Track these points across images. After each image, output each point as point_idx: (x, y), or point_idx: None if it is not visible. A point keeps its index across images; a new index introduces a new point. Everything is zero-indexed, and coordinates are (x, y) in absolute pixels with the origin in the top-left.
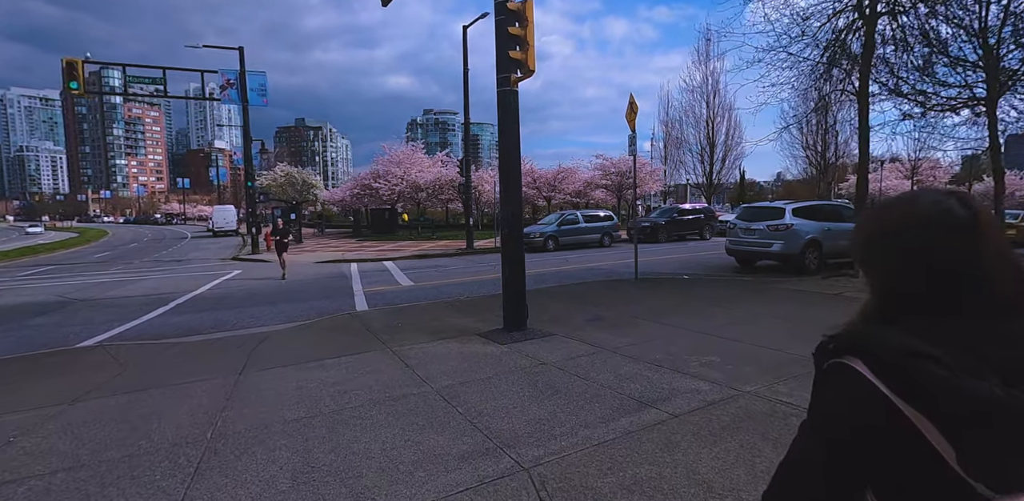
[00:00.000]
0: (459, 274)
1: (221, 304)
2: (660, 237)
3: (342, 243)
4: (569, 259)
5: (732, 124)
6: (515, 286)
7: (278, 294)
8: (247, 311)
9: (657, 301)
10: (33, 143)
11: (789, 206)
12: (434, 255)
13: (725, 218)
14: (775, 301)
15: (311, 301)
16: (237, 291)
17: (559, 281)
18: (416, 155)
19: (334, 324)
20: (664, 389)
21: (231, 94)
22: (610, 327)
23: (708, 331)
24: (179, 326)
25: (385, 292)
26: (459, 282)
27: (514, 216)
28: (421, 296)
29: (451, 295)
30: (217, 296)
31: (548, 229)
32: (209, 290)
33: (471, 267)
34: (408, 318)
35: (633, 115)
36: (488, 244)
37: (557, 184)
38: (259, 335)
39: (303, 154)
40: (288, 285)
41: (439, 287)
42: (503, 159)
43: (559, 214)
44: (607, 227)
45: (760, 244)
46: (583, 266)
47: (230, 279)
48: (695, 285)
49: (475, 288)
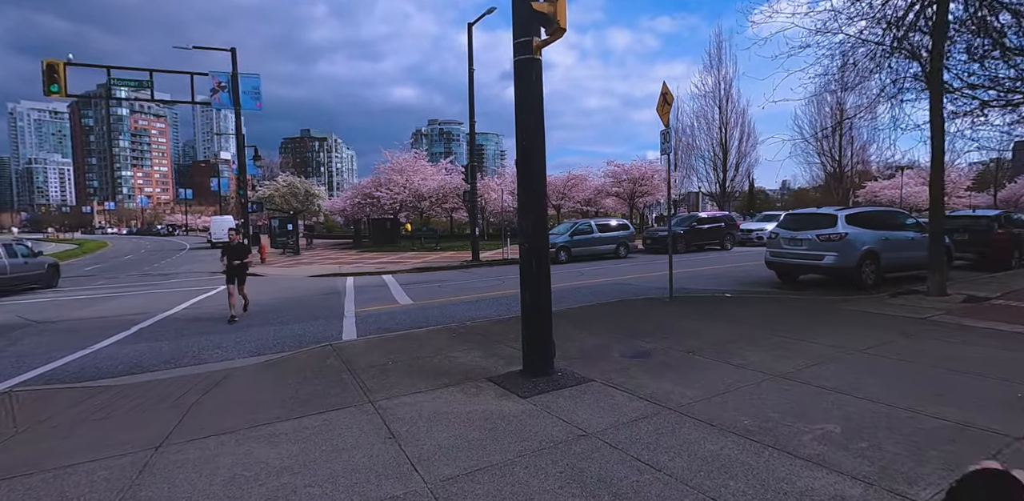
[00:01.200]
0: (465, 290)
1: (189, 328)
2: (679, 247)
3: (341, 255)
4: (585, 272)
5: (746, 129)
6: (539, 318)
7: (257, 315)
8: (215, 338)
9: (708, 328)
10: (42, 155)
11: (842, 212)
12: (437, 268)
13: (746, 226)
14: (854, 328)
15: (293, 324)
16: (214, 311)
17: (579, 300)
18: (419, 162)
19: (309, 361)
20: (783, 492)
21: (223, 98)
22: (662, 368)
23: (796, 376)
24: (128, 360)
25: (380, 313)
26: (465, 300)
27: (536, 225)
28: (420, 319)
29: (456, 317)
30: (189, 317)
31: (560, 239)
32: (184, 310)
33: (477, 282)
34: (402, 352)
35: (667, 108)
36: (496, 256)
37: (567, 192)
38: (214, 376)
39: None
40: (270, 304)
41: (442, 306)
42: (523, 150)
43: (571, 223)
44: (622, 237)
45: (809, 256)
46: (602, 281)
47: (212, 296)
48: (745, 306)
49: (483, 308)
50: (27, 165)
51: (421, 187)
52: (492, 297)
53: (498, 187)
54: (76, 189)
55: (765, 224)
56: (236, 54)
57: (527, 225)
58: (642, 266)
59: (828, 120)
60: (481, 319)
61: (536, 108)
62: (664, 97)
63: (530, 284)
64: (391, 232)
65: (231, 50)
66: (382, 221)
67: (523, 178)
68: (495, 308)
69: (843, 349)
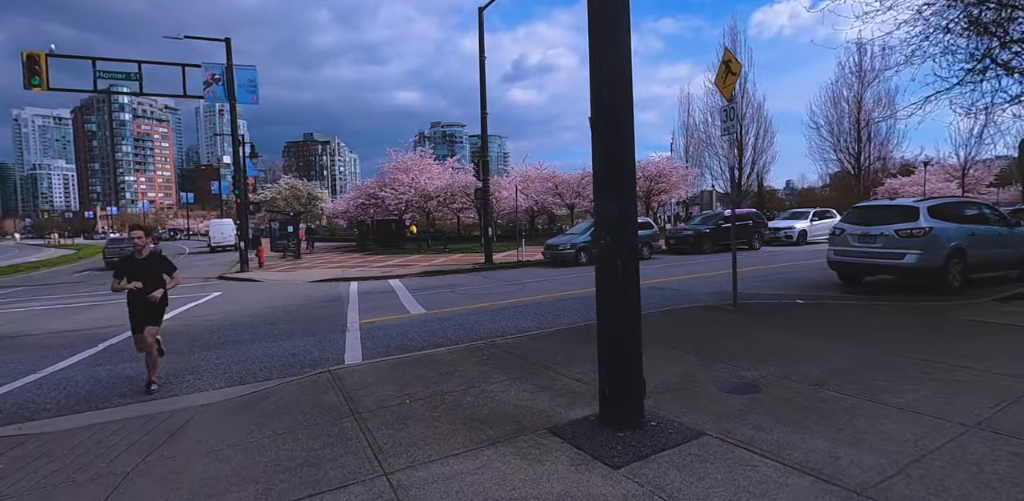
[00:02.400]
0: (483, 296)
1: (165, 345)
2: (705, 247)
3: (344, 258)
4: None
5: (763, 125)
6: (626, 345)
7: (247, 328)
8: (192, 358)
9: (814, 347)
10: (46, 161)
11: (923, 204)
12: (448, 271)
13: (775, 225)
14: (1004, 346)
15: (286, 339)
16: (197, 323)
17: None
18: (424, 161)
19: (300, 397)
20: None
21: (217, 91)
22: (793, 411)
23: (1006, 425)
24: (79, 389)
25: (388, 326)
26: (485, 309)
27: (625, 211)
28: (438, 333)
29: (480, 331)
30: (168, 331)
31: (579, 239)
32: (165, 322)
33: (494, 287)
34: (422, 385)
35: (732, 79)
36: (509, 258)
37: (581, 190)
38: (173, 419)
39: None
40: (263, 314)
41: (460, 317)
42: (601, 101)
43: (590, 222)
44: (645, 237)
45: (885, 255)
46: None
47: (201, 305)
48: (834, 316)
49: (509, 319)
50: (31, 171)
51: (427, 186)
52: (516, 305)
53: (510, 184)
54: (79, 194)
55: (794, 222)
56: (231, 44)
57: (611, 210)
58: (672, 268)
59: (845, 116)
60: (511, 334)
61: (623, 37)
62: (727, 65)
63: (615, 296)
64: (396, 234)
65: (225, 40)
66: (387, 222)
67: (604, 141)
68: (523, 319)
69: (1013, 375)
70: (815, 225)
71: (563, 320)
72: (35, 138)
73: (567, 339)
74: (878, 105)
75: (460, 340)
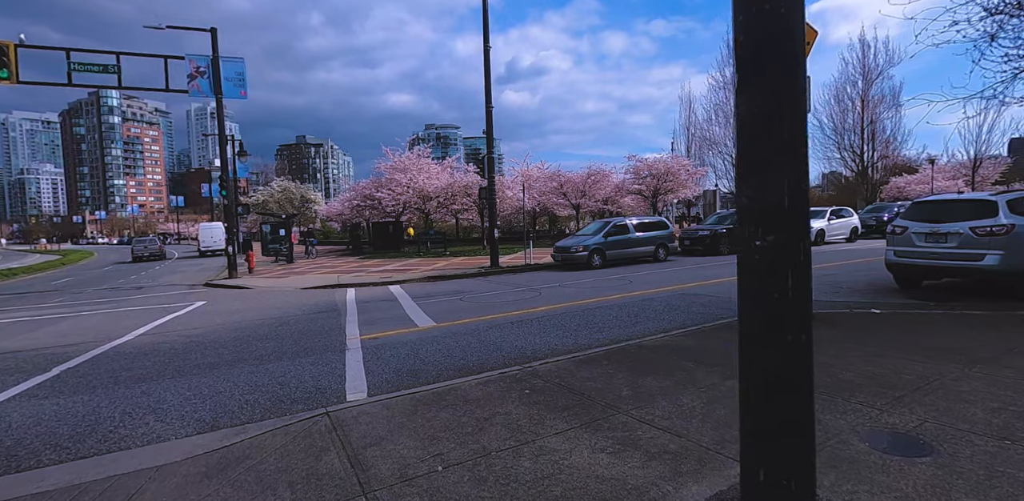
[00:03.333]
0: (497, 306)
1: (133, 369)
2: (722, 248)
3: (339, 263)
4: (632, 280)
5: None
6: (794, 407)
7: (230, 346)
8: (159, 389)
9: (947, 372)
10: (34, 166)
11: (1001, 198)
12: (452, 276)
13: None
14: None
15: (274, 361)
16: (174, 339)
17: (661, 321)
18: (423, 161)
19: (287, 459)
20: None
21: (202, 85)
22: (1010, 489)
23: None
24: (3, 438)
25: (394, 342)
26: (505, 321)
27: (794, 198)
28: (456, 353)
29: (505, 350)
30: (140, 350)
31: (592, 241)
32: (140, 336)
33: (508, 294)
34: (454, 437)
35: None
36: (516, 261)
37: (587, 189)
38: (112, 494)
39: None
40: (250, 328)
41: (477, 331)
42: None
43: (602, 223)
44: (662, 237)
45: (959, 256)
46: (661, 291)
47: (182, 316)
48: (935, 329)
49: (539, 334)
50: (19, 176)
51: (427, 187)
52: (538, 316)
53: (514, 183)
54: (68, 199)
55: (814, 221)
56: (216, 35)
57: (774, 190)
58: (694, 271)
59: (848, 113)
60: (546, 355)
61: None
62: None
63: (777, 327)
64: (394, 237)
65: (211, 30)
66: (383, 225)
67: (766, 70)
68: (553, 334)
69: None
70: (832, 224)
71: (601, 336)
72: (23, 142)
73: (622, 364)
74: (881, 103)
75: (486, 363)
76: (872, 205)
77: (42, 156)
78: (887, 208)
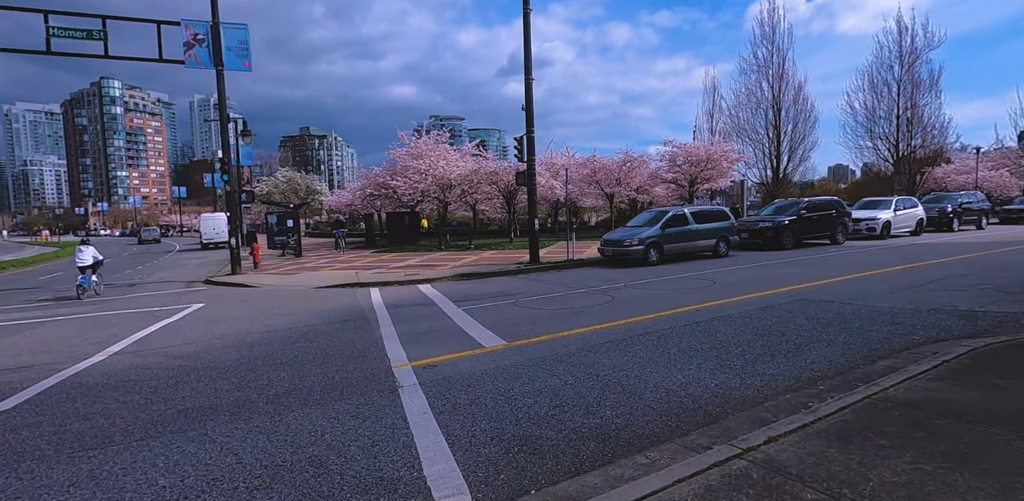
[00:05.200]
0: (569, 315)
1: (86, 419)
2: (785, 242)
3: (353, 257)
4: (711, 279)
5: (803, 108)
6: None
7: (231, 375)
8: (115, 467)
9: None
10: (37, 157)
11: None
12: (487, 273)
13: (858, 215)
14: None
15: (296, 409)
16: (158, 362)
17: (841, 348)
18: (440, 147)
19: None
20: None
21: (200, 55)
22: None
23: None
24: None
25: (464, 375)
26: (601, 338)
27: None
28: (572, 401)
29: (655, 397)
30: (106, 382)
31: (647, 233)
32: (113, 357)
33: (572, 298)
34: None
35: None
36: (553, 255)
37: (622, 177)
38: None
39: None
40: (257, 346)
41: (578, 358)
42: None
43: (656, 212)
44: (722, 230)
45: None
46: (768, 295)
47: (174, 324)
48: None
49: (672, 363)
50: (22, 167)
51: (447, 173)
52: (637, 331)
53: (545, 170)
54: (71, 190)
55: (876, 212)
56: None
57: None
58: (775, 268)
59: (882, 99)
60: (716, 404)
61: None
62: None
63: None
64: (410, 229)
65: None
66: (399, 216)
67: None
68: (685, 362)
69: None
70: (899, 216)
71: (768, 369)
72: (26, 134)
73: (908, 447)
74: (918, 88)
75: (634, 423)
76: (930, 195)
77: (45, 148)
78: (948, 198)
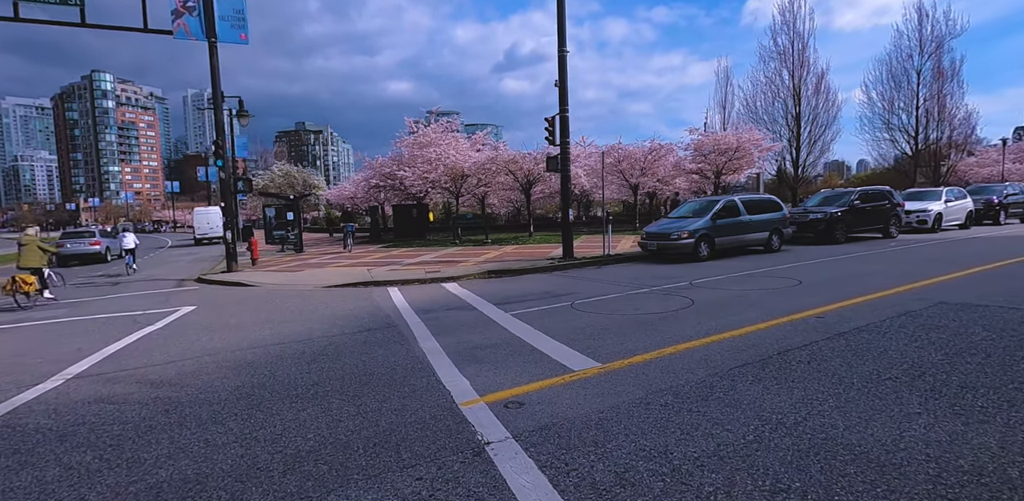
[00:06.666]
0: (652, 322)
1: (30, 450)
2: (838, 236)
3: (361, 252)
4: (788, 276)
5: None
6: None
7: (225, 414)
8: None
9: None
10: (28, 153)
11: None
12: (519, 271)
13: (911, 207)
14: None
15: (331, 492)
16: (127, 392)
17: None
18: (450, 135)
19: None
20: None
21: (190, 25)
22: None
23: None
24: None
25: (576, 425)
26: (728, 357)
27: None
28: (790, 479)
29: (900, 462)
30: (48, 427)
31: (697, 225)
32: (69, 382)
33: (636, 298)
34: None
35: None
36: (587, 250)
37: (647, 166)
38: None
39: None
40: (265, 367)
41: (722, 385)
42: None
43: (703, 201)
44: (776, 221)
45: None
46: (882, 297)
47: (156, 333)
48: None
49: (872, 401)
50: (13, 163)
51: (461, 162)
52: (768, 345)
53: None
54: (62, 186)
55: (927, 204)
56: None
57: None
58: (848, 264)
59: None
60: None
61: None
62: None
63: None
64: (418, 222)
65: None
66: (406, 208)
67: None
68: (895, 396)
69: None
70: (950, 207)
71: None
72: (17, 129)
73: None
74: (940, 77)
75: None
76: (970, 187)
77: (37, 143)
78: (989, 190)
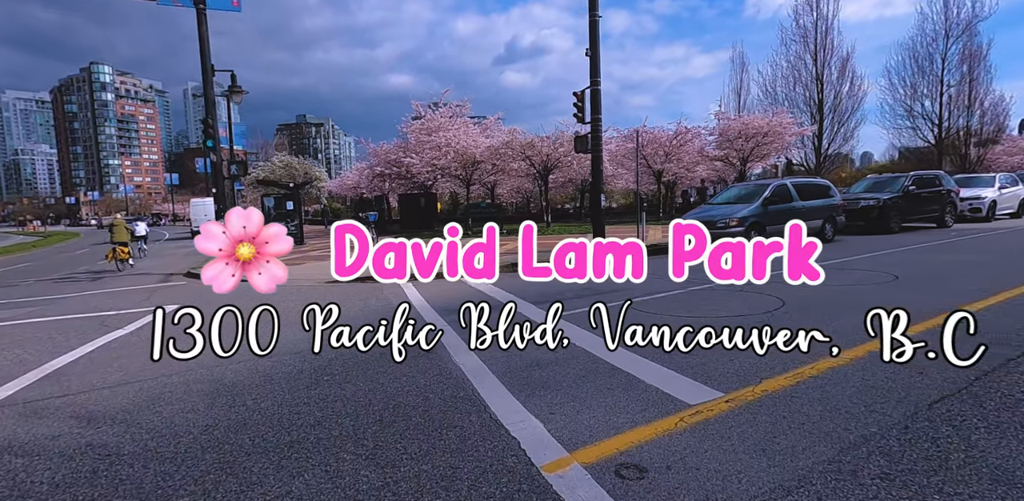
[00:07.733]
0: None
1: None
2: (892, 224)
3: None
4: (890, 272)
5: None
6: None
7: (183, 482)
8: None
9: None
10: (29, 146)
11: None
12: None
13: (967, 194)
14: None
15: None
16: (42, 450)
17: None
18: (459, 119)
19: None
20: None
21: None
22: None
23: None
24: None
25: None
26: (910, 381)
27: None
28: None
29: None
30: None
31: (746, 212)
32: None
33: (713, 293)
34: None
35: None
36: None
37: (672, 151)
38: None
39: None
40: (252, 390)
41: (936, 431)
42: None
43: (751, 185)
44: (829, 208)
45: None
46: (1011, 299)
47: (121, 341)
48: None
49: None
50: (14, 157)
51: (472, 148)
52: (941, 365)
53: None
54: (62, 179)
55: (980, 190)
56: None
57: None
58: (922, 253)
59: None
60: None
61: None
62: None
63: None
64: (426, 212)
65: None
66: (412, 197)
67: None
68: None
69: None
70: (1004, 194)
71: None
72: (17, 122)
73: None
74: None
75: None
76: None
77: (37, 137)
78: None
